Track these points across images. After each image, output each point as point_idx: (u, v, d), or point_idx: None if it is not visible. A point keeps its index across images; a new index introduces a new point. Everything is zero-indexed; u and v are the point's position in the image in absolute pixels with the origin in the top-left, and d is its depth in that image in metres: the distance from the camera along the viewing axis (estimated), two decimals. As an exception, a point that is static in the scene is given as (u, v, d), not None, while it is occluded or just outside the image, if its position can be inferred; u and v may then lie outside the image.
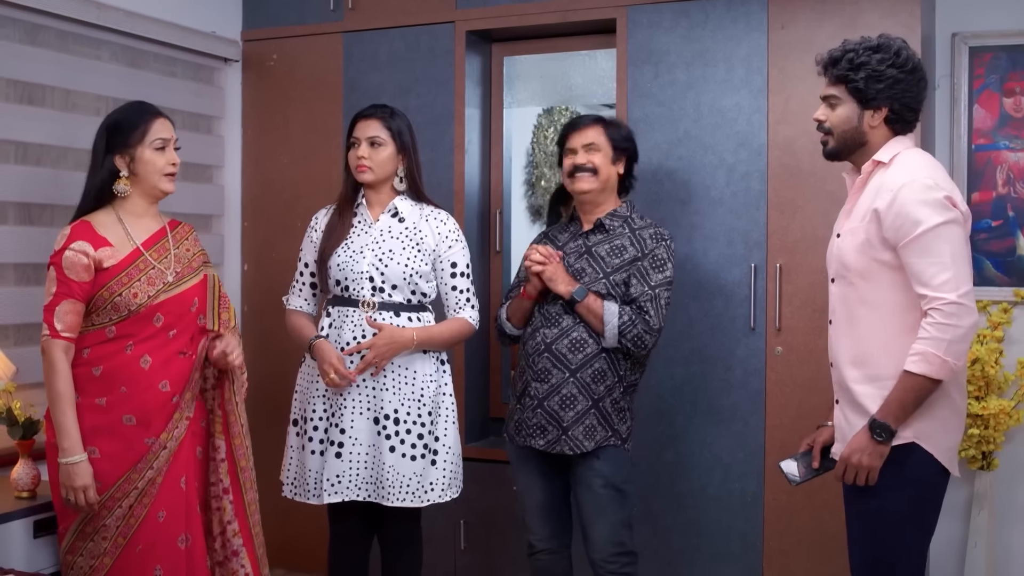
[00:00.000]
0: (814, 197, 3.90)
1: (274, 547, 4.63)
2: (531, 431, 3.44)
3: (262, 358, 4.67)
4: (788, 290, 3.94)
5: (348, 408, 3.46)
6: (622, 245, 3.47)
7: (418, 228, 3.57)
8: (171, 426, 3.17)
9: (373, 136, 3.54)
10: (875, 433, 2.78)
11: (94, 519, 3.11)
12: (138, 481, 3.12)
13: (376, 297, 3.49)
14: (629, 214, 3.55)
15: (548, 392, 3.41)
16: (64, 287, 3.10)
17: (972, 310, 2.70)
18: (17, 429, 3.41)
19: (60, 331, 3.09)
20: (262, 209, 4.83)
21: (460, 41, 4.45)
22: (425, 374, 3.53)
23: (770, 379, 3.97)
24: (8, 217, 3.80)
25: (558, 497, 3.57)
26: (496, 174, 4.65)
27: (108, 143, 3.23)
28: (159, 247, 3.26)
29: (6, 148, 3.79)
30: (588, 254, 3.49)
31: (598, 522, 3.43)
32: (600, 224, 3.51)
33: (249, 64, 4.86)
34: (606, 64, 4.47)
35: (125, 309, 3.13)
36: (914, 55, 2.88)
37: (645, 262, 3.43)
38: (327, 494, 3.45)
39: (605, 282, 3.42)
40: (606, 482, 3.42)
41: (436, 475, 3.53)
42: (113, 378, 3.13)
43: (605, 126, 3.54)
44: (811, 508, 3.90)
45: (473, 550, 4.42)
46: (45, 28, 3.92)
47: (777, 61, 3.95)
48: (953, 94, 4.11)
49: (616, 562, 3.44)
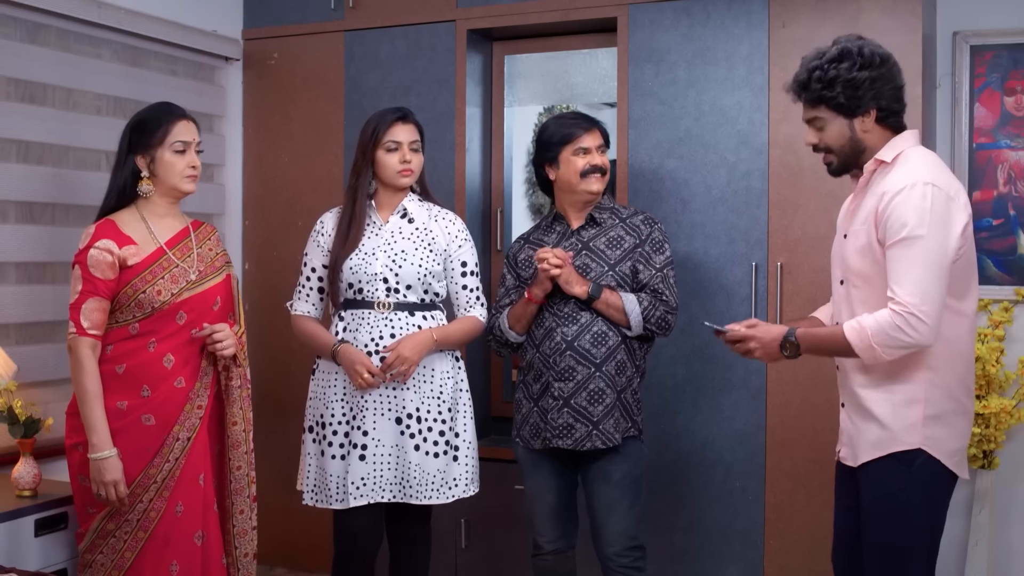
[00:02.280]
0: (815, 196, 3.90)
1: (275, 546, 4.67)
2: (556, 432, 3.42)
3: (264, 356, 4.67)
4: (789, 289, 3.94)
5: (370, 410, 3.46)
6: (618, 236, 3.49)
7: (428, 229, 3.57)
8: (183, 417, 3.20)
9: (414, 141, 3.55)
10: (783, 346, 2.90)
11: (116, 515, 3.13)
12: (156, 475, 3.15)
13: (391, 298, 3.49)
14: (613, 205, 3.57)
15: (574, 389, 3.40)
16: (90, 285, 3.12)
17: (928, 329, 2.65)
18: (18, 428, 3.41)
19: (87, 329, 3.11)
20: (263, 208, 4.83)
21: (461, 40, 4.45)
22: (443, 371, 3.54)
23: (771, 378, 3.97)
24: (9, 216, 3.80)
25: (568, 498, 3.57)
26: (497, 173, 4.65)
27: (131, 143, 3.25)
28: (182, 246, 3.29)
29: (7, 147, 3.79)
30: (587, 250, 3.49)
31: (614, 516, 3.43)
32: (591, 219, 3.52)
33: (250, 63, 4.86)
34: (607, 63, 4.47)
35: (149, 306, 3.16)
36: (876, 47, 2.83)
37: (646, 247, 3.47)
38: (352, 498, 3.43)
39: (612, 274, 3.44)
40: (624, 475, 3.42)
41: (459, 471, 3.54)
42: (136, 377, 3.16)
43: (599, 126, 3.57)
44: (812, 507, 3.90)
45: (474, 549, 4.42)
46: (46, 27, 3.92)
47: (778, 60, 3.95)
48: (954, 93, 4.11)
49: (629, 556, 3.44)
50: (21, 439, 3.41)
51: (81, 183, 3.95)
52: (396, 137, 3.52)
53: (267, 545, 4.62)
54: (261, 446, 4.07)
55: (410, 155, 3.53)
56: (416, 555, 3.67)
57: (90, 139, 4.01)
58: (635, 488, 3.45)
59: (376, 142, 3.53)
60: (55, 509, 3.33)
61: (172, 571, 3.16)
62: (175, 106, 3.32)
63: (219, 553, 3.29)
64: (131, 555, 3.14)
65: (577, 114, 3.64)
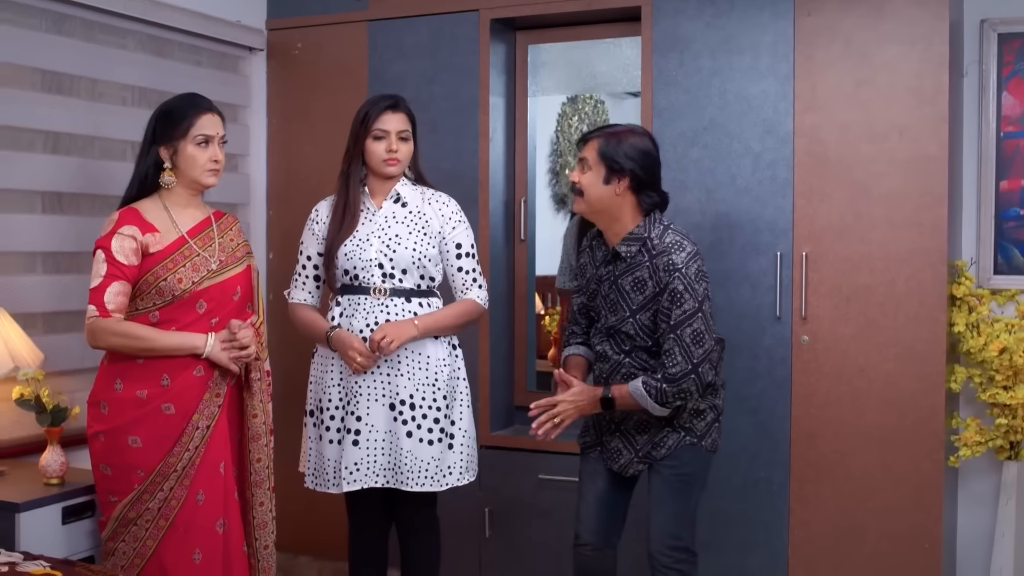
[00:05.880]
0: (841, 185, 3.88)
1: (299, 534, 4.68)
2: (610, 454, 3.42)
3: (286, 346, 4.68)
4: (814, 278, 3.92)
5: (364, 395, 3.47)
6: (642, 279, 3.25)
7: (422, 212, 3.57)
8: (202, 406, 3.22)
9: (403, 130, 3.54)
10: None
11: (137, 504, 3.16)
12: (176, 464, 3.17)
13: (387, 283, 3.49)
14: (647, 234, 3.27)
15: (623, 416, 3.37)
16: (115, 268, 3.14)
17: None
18: (46, 416, 3.44)
19: (111, 311, 3.13)
20: (287, 198, 4.84)
21: (484, 29, 4.44)
22: (438, 359, 3.53)
23: (796, 368, 3.95)
24: (36, 206, 3.82)
25: (615, 498, 3.48)
26: (520, 162, 4.64)
27: (155, 133, 3.26)
28: (204, 235, 3.31)
29: (34, 137, 3.81)
30: (615, 286, 3.32)
31: (658, 513, 3.34)
32: (616, 253, 3.32)
33: (274, 53, 4.87)
34: (631, 52, 4.45)
35: (169, 294, 3.17)
36: None
37: (664, 299, 3.20)
38: (346, 482, 3.45)
39: (632, 322, 3.28)
40: (676, 473, 3.33)
41: (453, 459, 3.54)
42: (155, 365, 3.18)
43: (603, 139, 3.28)
44: (837, 498, 3.89)
45: (498, 538, 4.42)
46: (71, 18, 3.94)
47: (803, 48, 3.92)
48: (981, 81, 4.07)
49: (671, 556, 3.32)
50: (48, 427, 3.44)
51: (106, 173, 3.96)
52: (384, 126, 3.51)
53: (291, 533, 4.64)
54: (286, 434, 4.09)
55: (397, 144, 3.51)
56: (425, 543, 3.66)
57: (115, 129, 4.03)
58: (685, 490, 3.35)
59: (366, 129, 3.53)
60: (82, 497, 3.35)
61: (194, 559, 3.18)
62: (202, 98, 3.33)
63: (240, 542, 3.31)
64: (153, 543, 3.16)
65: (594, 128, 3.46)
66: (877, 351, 3.84)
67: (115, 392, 3.18)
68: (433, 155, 4.39)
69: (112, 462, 3.18)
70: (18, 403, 3.46)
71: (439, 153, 4.44)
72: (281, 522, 3.56)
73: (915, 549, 3.78)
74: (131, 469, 3.16)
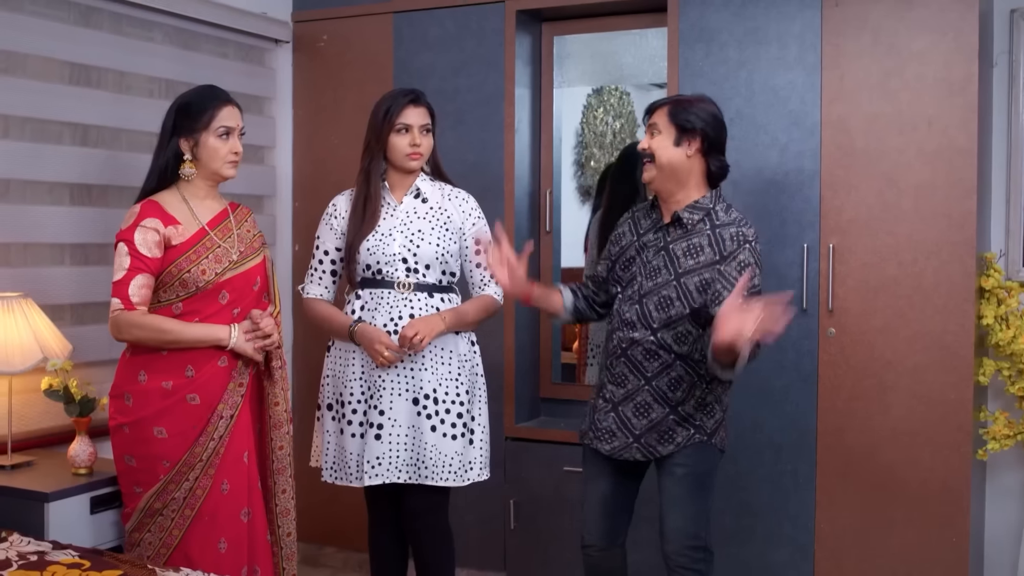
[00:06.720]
0: (868, 177, 3.86)
1: (325, 526, 4.71)
2: (600, 434, 3.35)
3: (312, 336, 4.70)
4: (841, 271, 3.90)
5: (387, 390, 3.47)
6: (699, 244, 3.20)
7: (443, 208, 3.57)
8: (226, 396, 3.24)
9: (425, 124, 3.54)
10: None
11: (162, 494, 3.18)
12: (202, 454, 3.19)
13: (411, 278, 3.49)
14: (712, 206, 3.23)
15: (623, 397, 3.30)
16: (138, 261, 3.15)
17: None
18: (74, 407, 3.47)
19: (136, 304, 3.14)
20: (313, 190, 4.85)
21: (510, 21, 4.43)
22: (460, 354, 3.54)
23: (822, 360, 3.93)
24: (64, 198, 3.85)
25: (622, 497, 3.43)
26: (546, 154, 4.63)
27: (175, 125, 3.27)
28: (223, 227, 3.32)
29: (62, 129, 3.84)
30: (665, 251, 3.25)
31: (673, 513, 3.28)
32: (677, 218, 3.24)
33: (300, 45, 4.88)
34: (657, 43, 4.44)
35: (193, 286, 3.19)
36: None
37: (731, 267, 3.13)
38: (368, 476, 3.45)
39: (675, 285, 3.20)
40: (688, 472, 3.27)
41: (475, 454, 3.55)
42: (180, 357, 3.20)
43: (672, 104, 3.25)
44: (863, 491, 3.87)
45: (523, 530, 4.43)
46: (99, 10, 3.96)
47: (831, 38, 3.90)
48: (1011, 71, 4.03)
49: (687, 556, 3.25)
50: (77, 418, 3.47)
51: (133, 165, 3.98)
52: (407, 120, 3.51)
53: (316, 525, 4.67)
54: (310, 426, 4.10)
55: (420, 138, 3.52)
56: (430, 547, 3.59)
57: (142, 122, 4.05)
58: (699, 487, 3.30)
59: (389, 123, 3.52)
60: (110, 487, 3.37)
61: (220, 548, 3.21)
62: (220, 90, 3.35)
63: (264, 530, 3.34)
64: (179, 533, 3.19)
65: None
66: (905, 344, 3.82)
67: (139, 384, 3.20)
68: (458, 147, 4.40)
69: (137, 453, 3.20)
70: (47, 394, 3.50)
71: (464, 145, 4.44)
72: (306, 513, 3.58)
73: (943, 543, 3.76)
74: (157, 460, 3.18)
